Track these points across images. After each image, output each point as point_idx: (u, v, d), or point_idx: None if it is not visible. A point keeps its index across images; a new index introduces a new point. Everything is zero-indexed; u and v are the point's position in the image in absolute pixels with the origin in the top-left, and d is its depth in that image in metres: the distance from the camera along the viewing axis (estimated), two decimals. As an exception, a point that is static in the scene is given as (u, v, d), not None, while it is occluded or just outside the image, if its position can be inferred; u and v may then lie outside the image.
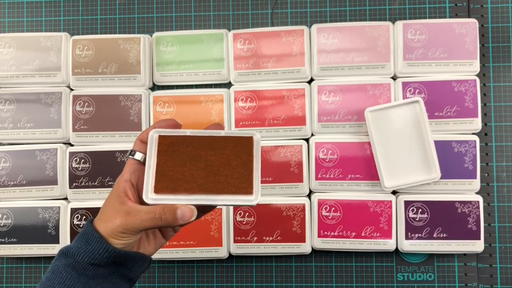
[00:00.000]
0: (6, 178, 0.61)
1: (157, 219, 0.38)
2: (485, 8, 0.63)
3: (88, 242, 0.39)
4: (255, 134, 0.42)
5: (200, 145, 0.42)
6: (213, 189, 0.41)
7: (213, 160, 0.41)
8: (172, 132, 0.42)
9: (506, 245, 0.61)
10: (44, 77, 0.62)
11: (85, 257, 0.39)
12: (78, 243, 0.40)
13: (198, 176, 0.41)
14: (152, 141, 0.42)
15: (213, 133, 0.42)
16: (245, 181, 0.41)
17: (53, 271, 0.39)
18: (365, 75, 0.61)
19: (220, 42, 0.62)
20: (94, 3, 0.66)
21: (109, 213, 0.40)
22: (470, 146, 0.59)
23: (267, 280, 0.63)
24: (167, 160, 0.41)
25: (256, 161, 0.42)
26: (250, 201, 0.40)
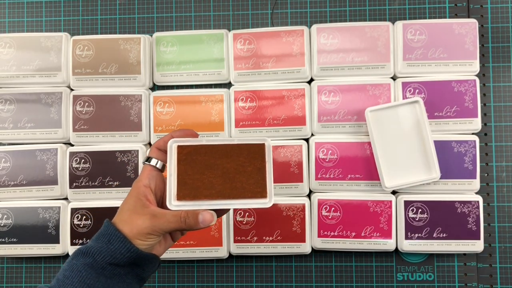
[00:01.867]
0: (6, 178, 0.62)
1: (182, 222, 0.41)
2: (485, 8, 0.64)
3: (110, 242, 0.40)
4: (267, 140, 0.45)
5: (216, 154, 0.45)
6: (231, 195, 0.44)
7: (229, 168, 0.45)
8: (189, 141, 0.45)
9: (505, 245, 0.61)
10: (45, 77, 0.62)
11: (106, 257, 0.40)
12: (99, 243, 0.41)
13: (216, 183, 0.44)
14: (171, 150, 0.45)
15: (227, 140, 0.46)
16: (260, 186, 0.44)
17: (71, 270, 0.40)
18: (365, 75, 0.61)
19: (220, 42, 0.62)
20: (94, 3, 0.66)
21: (131, 216, 0.41)
22: (470, 146, 0.59)
23: (267, 280, 0.63)
24: (187, 169, 0.45)
25: (269, 166, 0.45)
26: (264, 203, 0.44)
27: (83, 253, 0.41)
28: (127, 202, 0.42)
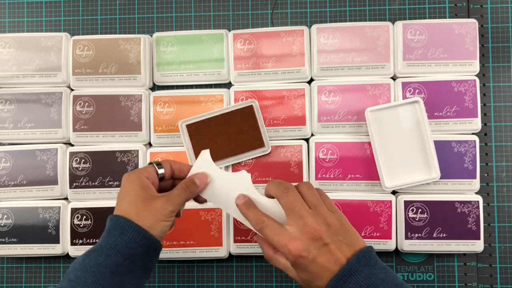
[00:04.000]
0: (6, 178, 0.62)
1: (187, 191, 0.45)
2: (485, 8, 0.64)
3: (123, 234, 0.40)
4: (254, 102, 0.60)
5: (217, 123, 0.59)
6: (236, 152, 0.59)
7: (230, 131, 0.59)
8: (194, 118, 0.59)
9: (505, 245, 0.61)
10: (45, 77, 0.62)
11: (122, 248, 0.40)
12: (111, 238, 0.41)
13: (223, 146, 0.59)
14: (183, 129, 0.59)
15: (223, 110, 0.59)
16: (257, 139, 0.59)
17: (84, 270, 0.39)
18: (365, 75, 0.61)
19: (220, 42, 0.62)
20: (95, 3, 0.66)
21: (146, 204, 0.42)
22: (470, 146, 0.59)
23: (267, 280, 0.63)
24: (198, 141, 0.59)
25: (260, 122, 0.59)
26: (265, 151, 0.59)
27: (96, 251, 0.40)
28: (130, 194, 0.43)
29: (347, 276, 0.40)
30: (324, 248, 0.41)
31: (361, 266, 0.40)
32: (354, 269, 0.40)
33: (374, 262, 0.41)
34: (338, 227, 0.43)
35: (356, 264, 0.40)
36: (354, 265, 0.40)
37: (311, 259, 0.41)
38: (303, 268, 0.42)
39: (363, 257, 0.41)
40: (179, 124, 0.60)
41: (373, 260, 0.42)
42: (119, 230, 0.41)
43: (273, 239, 0.43)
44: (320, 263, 0.41)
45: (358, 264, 0.40)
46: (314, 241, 0.41)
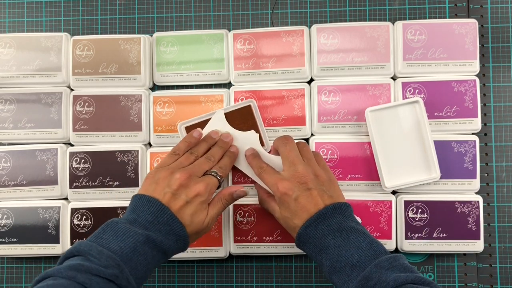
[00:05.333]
0: (6, 178, 0.62)
1: (225, 205, 0.52)
2: (485, 8, 0.64)
3: (169, 233, 0.47)
4: (252, 101, 0.60)
5: None
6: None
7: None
8: (193, 120, 0.59)
9: (505, 245, 0.61)
10: (45, 77, 0.62)
11: (155, 226, 0.46)
12: (148, 215, 0.46)
13: None
14: (182, 131, 0.59)
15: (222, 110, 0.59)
16: None
17: (116, 233, 0.44)
18: (365, 75, 0.61)
19: (220, 42, 0.62)
20: (95, 3, 0.66)
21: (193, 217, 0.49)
22: (470, 146, 0.59)
23: (267, 280, 0.63)
24: None
25: (259, 121, 0.59)
26: (266, 150, 0.58)
27: (128, 221, 0.45)
28: (196, 201, 0.49)
29: (321, 218, 0.47)
30: (307, 192, 0.48)
31: (336, 214, 0.47)
32: (329, 214, 0.47)
33: (349, 214, 0.49)
34: (324, 180, 0.50)
35: (332, 211, 0.47)
36: (329, 210, 0.47)
37: (294, 197, 0.48)
38: (286, 205, 0.49)
39: (339, 207, 0.48)
40: (178, 126, 0.59)
41: (348, 213, 0.49)
42: (167, 227, 0.46)
43: (267, 180, 0.51)
44: (300, 203, 0.48)
45: (334, 212, 0.47)
46: (299, 184, 0.49)
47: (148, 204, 0.46)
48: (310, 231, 0.47)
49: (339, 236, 0.46)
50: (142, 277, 0.44)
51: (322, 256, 0.46)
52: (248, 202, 0.60)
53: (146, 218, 0.45)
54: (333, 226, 0.46)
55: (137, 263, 0.43)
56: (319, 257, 0.47)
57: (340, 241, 0.45)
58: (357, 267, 0.44)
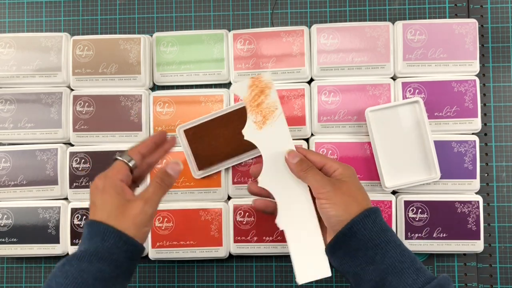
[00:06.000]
0: (6, 178, 0.62)
1: (162, 185, 0.43)
2: (485, 8, 0.64)
3: (104, 240, 0.39)
4: None
5: (214, 125, 0.59)
6: (236, 153, 0.59)
7: (227, 133, 0.58)
8: (191, 123, 0.59)
9: (505, 245, 0.61)
10: (45, 77, 0.62)
11: (104, 255, 0.38)
12: (92, 244, 0.39)
13: (222, 148, 0.58)
14: (180, 135, 0.59)
15: (220, 112, 0.58)
16: None
17: (65, 277, 0.37)
18: (365, 75, 0.61)
19: (220, 42, 0.62)
20: (95, 3, 0.66)
21: (123, 210, 0.41)
22: (470, 146, 0.59)
23: (267, 280, 0.63)
24: (197, 145, 0.59)
25: None
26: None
27: (77, 257, 0.39)
28: (107, 202, 0.41)
29: (377, 213, 0.43)
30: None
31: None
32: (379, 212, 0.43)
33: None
34: None
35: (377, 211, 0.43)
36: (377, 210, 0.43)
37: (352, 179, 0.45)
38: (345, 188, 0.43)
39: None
40: (177, 130, 0.59)
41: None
42: (100, 236, 0.39)
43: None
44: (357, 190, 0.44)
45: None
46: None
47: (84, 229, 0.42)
48: (368, 222, 0.41)
49: (395, 235, 0.42)
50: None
51: (376, 252, 0.40)
52: (249, 202, 0.60)
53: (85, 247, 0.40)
54: (385, 225, 0.42)
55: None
56: (370, 253, 0.40)
57: (399, 240, 0.41)
58: (421, 272, 0.39)
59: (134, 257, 0.41)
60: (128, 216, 0.40)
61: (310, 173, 0.44)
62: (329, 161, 0.46)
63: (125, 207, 0.41)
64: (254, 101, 0.47)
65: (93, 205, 0.42)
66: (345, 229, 0.41)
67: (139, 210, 0.41)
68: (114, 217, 0.40)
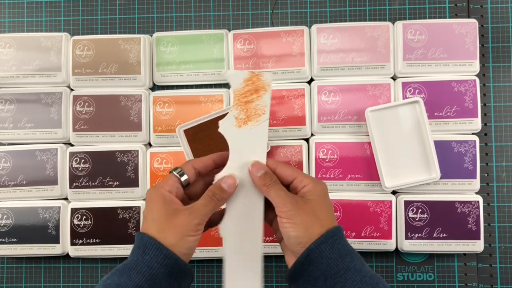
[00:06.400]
0: (6, 178, 0.62)
1: (213, 199, 0.41)
2: (485, 8, 0.63)
3: (145, 253, 0.38)
4: None
5: (214, 126, 0.57)
6: None
7: None
8: (191, 123, 0.58)
9: (506, 245, 0.61)
10: (45, 77, 0.62)
11: (143, 268, 0.37)
12: (134, 256, 0.39)
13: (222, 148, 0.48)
14: (180, 135, 0.58)
15: (220, 112, 0.57)
16: None
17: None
18: (365, 75, 0.61)
19: (220, 42, 0.62)
20: (94, 3, 0.66)
21: (168, 221, 0.39)
22: (470, 146, 0.59)
23: (267, 280, 0.63)
24: (197, 145, 0.58)
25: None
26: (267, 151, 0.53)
27: (119, 271, 0.38)
28: (153, 211, 0.40)
29: (336, 236, 0.40)
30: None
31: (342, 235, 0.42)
32: (341, 235, 0.41)
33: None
34: None
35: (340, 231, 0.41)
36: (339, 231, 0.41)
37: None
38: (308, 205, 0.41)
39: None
40: (177, 130, 0.59)
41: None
42: (142, 249, 0.38)
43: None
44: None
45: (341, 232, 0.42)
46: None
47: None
48: (325, 248, 0.39)
49: (357, 259, 0.40)
50: None
51: (335, 281, 0.38)
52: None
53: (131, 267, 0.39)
54: (345, 248, 0.40)
55: None
56: (329, 282, 0.38)
57: (359, 265, 0.39)
58: None
59: (174, 273, 0.39)
60: (173, 225, 0.39)
61: (272, 189, 0.41)
62: (299, 176, 0.43)
63: (171, 216, 0.40)
64: (244, 96, 0.44)
65: (144, 216, 0.42)
66: (302, 257, 0.39)
67: (184, 219, 0.39)
68: (159, 226, 0.39)
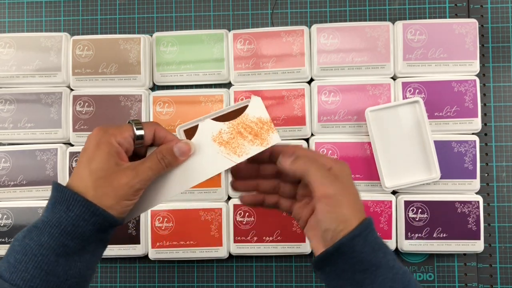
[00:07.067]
0: (6, 178, 0.62)
1: (161, 163, 0.38)
2: (485, 8, 0.63)
3: (69, 209, 0.34)
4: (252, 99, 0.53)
5: None
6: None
7: None
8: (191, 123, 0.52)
9: (506, 245, 0.61)
10: (44, 77, 0.62)
11: (67, 227, 0.34)
12: (55, 213, 0.34)
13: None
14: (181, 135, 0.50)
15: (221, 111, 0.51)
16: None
17: (24, 253, 0.33)
18: (365, 75, 0.61)
19: (220, 42, 0.62)
20: (94, 3, 0.66)
21: (102, 178, 0.35)
22: (470, 146, 0.59)
23: (267, 280, 0.63)
24: None
25: None
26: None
27: (39, 229, 0.34)
28: (94, 160, 0.35)
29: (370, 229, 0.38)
30: None
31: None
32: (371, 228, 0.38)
33: None
34: None
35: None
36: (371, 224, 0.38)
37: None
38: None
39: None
40: (177, 130, 0.57)
41: None
42: (64, 205, 0.34)
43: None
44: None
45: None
46: None
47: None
48: (357, 242, 0.36)
49: (389, 253, 0.37)
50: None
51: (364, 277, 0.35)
52: (248, 202, 0.60)
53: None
54: (377, 242, 0.37)
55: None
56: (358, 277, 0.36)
57: (392, 260, 0.36)
58: None
59: (103, 229, 0.36)
60: (111, 184, 0.35)
61: (312, 170, 0.38)
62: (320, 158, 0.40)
63: (112, 173, 0.36)
64: (244, 128, 0.43)
65: (79, 161, 0.37)
66: (332, 249, 0.36)
67: (126, 181, 0.36)
68: (95, 182, 0.35)
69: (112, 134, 0.37)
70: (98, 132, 0.37)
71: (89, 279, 0.37)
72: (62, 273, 0.34)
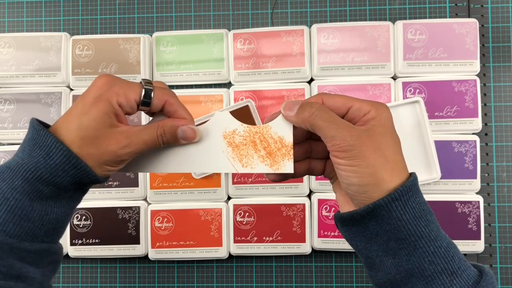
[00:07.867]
0: (6, 178, 0.61)
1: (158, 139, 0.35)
2: (485, 8, 0.63)
3: (49, 156, 0.32)
4: (250, 102, 0.59)
5: None
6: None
7: None
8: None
9: (506, 245, 0.61)
10: (44, 77, 0.62)
11: (44, 175, 0.31)
12: (34, 157, 0.32)
13: None
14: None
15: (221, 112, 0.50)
16: None
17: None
18: (365, 75, 0.61)
19: (220, 42, 0.62)
20: (94, 3, 0.66)
21: (92, 131, 0.33)
22: (470, 146, 0.59)
23: (267, 280, 0.63)
24: None
25: (257, 121, 0.58)
26: None
27: (12, 170, 0.32)
28: (89, 113, 0.33)
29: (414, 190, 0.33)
30: None
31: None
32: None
33: None
34: None
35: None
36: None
37: None
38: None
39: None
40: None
41: None
42: (44, 150, 0.32)
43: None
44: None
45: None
46: None
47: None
48: (397, 206, 0.31)
49: (432, 223, 0.32)
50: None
51: (400, 247, 0.31)
52: (248, 202, 0.60)
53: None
54: (420, 208, 0.32)
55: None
56: (392, 244, 0.31)
57: (435, 231, 0.31)
58: (457, 276, 0.30)
59: (82, 184, 0.34)
60: (99, 147, 0.33)
61: (319, 118, 0.33)
62: (356, 103, 0.33)
63: (102, 133, 0.33)
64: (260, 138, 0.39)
65: (72, 107, 0.34)
66: (364, 211, 0.31)
67: (114, 149, 0.33)
68: (83, 136, 0.32)
69: (115, 93, 0.33)
70: (103, 85, 0.34)
71: (66, 224, 0.35)
72: (37, 218, 0.32)
